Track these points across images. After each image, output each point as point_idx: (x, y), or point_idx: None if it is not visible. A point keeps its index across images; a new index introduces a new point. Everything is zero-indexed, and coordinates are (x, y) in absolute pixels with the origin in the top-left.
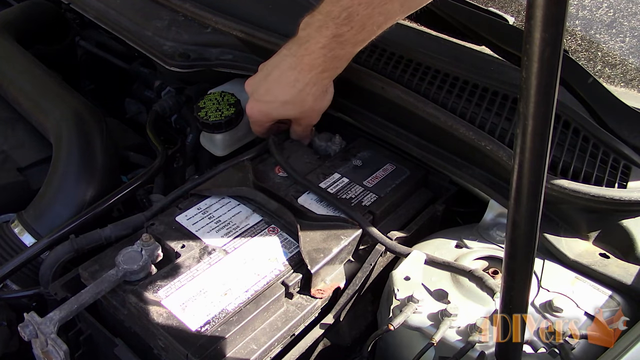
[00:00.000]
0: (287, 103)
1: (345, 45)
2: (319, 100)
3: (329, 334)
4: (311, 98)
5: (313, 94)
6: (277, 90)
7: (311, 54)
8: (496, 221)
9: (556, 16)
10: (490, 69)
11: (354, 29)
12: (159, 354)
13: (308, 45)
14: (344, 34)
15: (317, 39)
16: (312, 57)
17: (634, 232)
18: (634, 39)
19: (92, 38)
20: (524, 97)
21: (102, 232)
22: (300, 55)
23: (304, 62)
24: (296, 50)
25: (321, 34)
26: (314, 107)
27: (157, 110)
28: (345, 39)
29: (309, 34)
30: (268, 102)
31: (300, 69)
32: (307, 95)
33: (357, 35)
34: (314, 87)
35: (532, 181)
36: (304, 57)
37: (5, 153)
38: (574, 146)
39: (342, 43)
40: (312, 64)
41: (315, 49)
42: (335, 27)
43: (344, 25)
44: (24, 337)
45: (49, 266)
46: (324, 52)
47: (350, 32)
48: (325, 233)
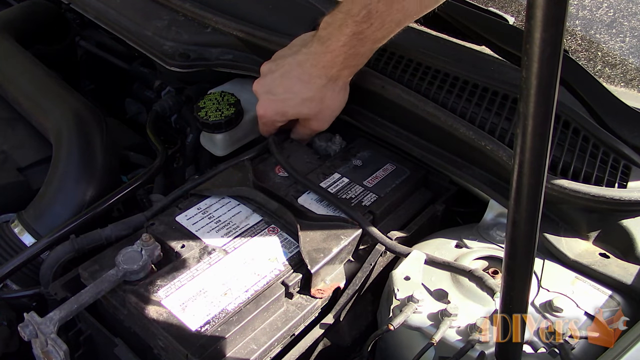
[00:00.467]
0: (307, 100)
1: (365, 42)
2: (338, 98)
3: (329, 334)
4: (330, 94)
5: (334, 90)
6: (297, 87)
7: (332, 52)
8: (496, 221)
9: (556, 16)
10: (490, 69)
11: (374, 25)
12: (159, 354)
13: (329, 44)
14: (363, 31)
15: (337, 37)
16: (334, 54)
17: (634, 232)
18: (634, 39)
19: (92, 38)
20: (524, 97)
21: (102, 232)
22: (322, 53)
23: (326, 59)
24: (317, 48)
25: (342, 32)
26: (330, 106)
27: (157, 110)
28: (365, 36)
29: (330, 32)
30: (287, 99)
31: (323, 66)
32: (328, 91)
33: (376, 32)
34: (335, 84)
35: (532, 181)
36: (326, 55)
37: (5, 153)
38: (574, 146)
39: (362, 40)
40: (333, 61)
41: (336, 46)
42: (355, 24)
43: (363, 22)
44: (24, 337)
45: (49, 266)
46: (344, 49)
47: (370, 29)
48: (325, 233)
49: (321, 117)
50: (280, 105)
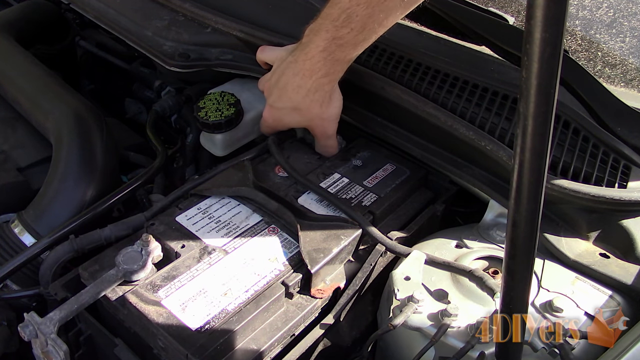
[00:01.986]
0: (294, 110)
1: (345, 47)
2: (325, 108)
3: (329, 334)
4: (316, 105)
5: (317, 101)
6: (285, 96)
7: (311, 59)
8: (496, 221)
9: (556, 16)
10: (490, 69)
11: (354, 30)
12: (159, 354)
13: (308, 50)
14: (343, 37)
15: (316, 43)
16: (313, 61)
17: (634, 232)
18: (634, 39)
19: (92, 38)
20: (524, 97)
21: (101, 232)
22: (302, 61)
23: (305, 67)
24: (298, 56)
25: (320, 37)
26: (322, 115)
27: (157, 110)
28: (345, 42)
29: (310, 39)
30: (280, 108)
31: (302, 75)
32: (312, 102)
33: (357, 36)
34: (317, 94)
35: (532, 181)
36: (305, 62)
37: (5, 153)
38: (574, 146)
39: (342, 46)
40: (312, 68)
41: (315, 53)
42: (335, 29)
43: (343, 27)
44: (24, 337)
45: (48, 266)
46: (323, 55)
47: (351, 34)
48: (325, 233)
49: (318, 125)
50: (277, 113)
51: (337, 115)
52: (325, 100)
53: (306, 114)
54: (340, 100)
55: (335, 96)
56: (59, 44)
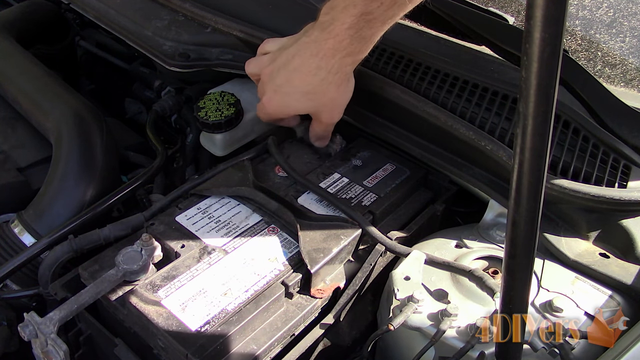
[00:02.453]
0: (308, 93)
1: (373, 23)
2: (341, 91)
3: (329, 334)
4: (333, 87)
5: (335, 83)
6: (297, 79)
7: (335, 37)
8: (496, 221)
9: (556, 16)
10: (490, 69)
11: (384, 4)
12: (159, 354)
13: (332, 28)
14: (373, 11)
15: (342, 20)
16: (337, 39)
17: (634, 232)
18: (634, 39)
19: (92, 38)
20: (524, 97)
21: (101, 232)
22: (323, 40)
23: (327, 46)
24: (318, 36)
25: (347, 13)
26: (335, 99)
27: (157, 110)
28: (374, 17)
29: (332, 16)
30: (288, 93)
31: (323, 55)
32: (330, 84)
33: (387, 11)
34: (337, 75)
35: (532, 181)
36: (328, 41)
37: (5, 153)
38: (574, 146)
39: (371, 21)
40: (336, 47)
41: (340, 30)
42: (364, 4)
43: (373, 1)
44: (24, 337)
45: (47, 266)
46: (350, 32)
47: (381, 8)
48: (325, 233)
49: (328, 110)
50: (283, 99)
51: (347, 102)
52: (343, 83)
53: (320, 98)
54: (353, 87)
55: (352, 80)
56: (59, 44)
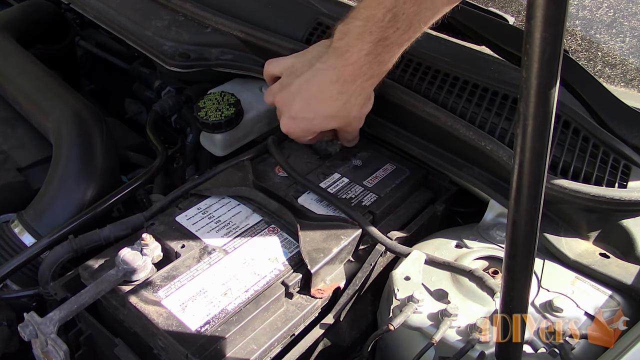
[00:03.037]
0: (331, 117)
1: (391, 47)
2: (365, 108)
3: (329, 334)
4: (357, 108)
5: (359, 104)
6: (317, 106)
7: (354, 63)
8: (496, 221)
9: (556, 16)
10: (490, 69)
11: (401, 29)
12: (159, 354)
13: (349, 55)
14: (389, 37)
15: (359, 47)
16: (356, 66)
17: (634, 232)
18: (634, 39)
19: (92, 38)
20: (524, 97)
21: (101, 232)
22: (341, 67)
23: (347, 72)
24: (335, 62)
25: (364, 40)
26: (358, 116)
27: (157, 110)
28: (392, 42)
29: (348, 43)
30: (308, 118)
31: (344, 81)
32: (353, 106)
33: (403, 35)
34: (360, 97)
35: (532, 181)
36: (347, 68)
37: (5, 153)
38: (574, 146)
39: (388, 46)
40: (356, 73)
41: (358, 57)
42: (380, 30)
43: (389, 27)
44: (24, 337)
45: (47, 266)
46: (368, 59)
47: (397, 34)
48: (325, 233)
49: (351, 124)
50: (304, 124)
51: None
52: (365, 102)
53: (344, 119)
54: (373, 97)
55: (372, 95)
56: (59, 44)
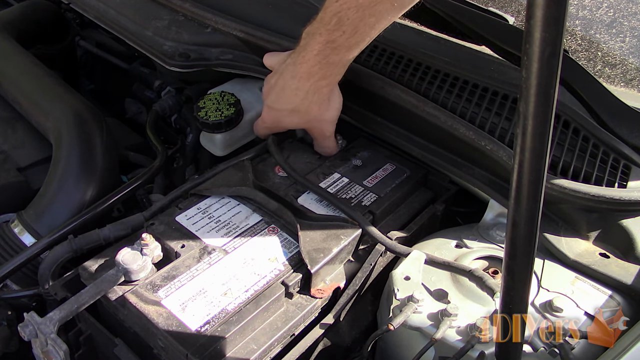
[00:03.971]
0: (293, 111)
1: (339, 50)
2: (324, 109)
3: (329, 334)
4: (315, 107)
5: (316, 102)
6: (283, 98)
7: (307, 62)
8: (496, 221)
9: (556, 16)
10: (490, 69)
11: (346, 33)
12: (159, 354)
13: (305, 54)
14: (336, 40)
15: (312, 46)
16: (309, 64)
17: (634, 231)
18: (634, 39)
19: (92, 38)
20: (524, 97)
21: (100, 232)
22: (299, 64)
23: (302, 70)
24: (295, 59)
25: (315, 40)
26: (320, 117)
27: (157, 110)
28: (339, 44)
29: (306, 42)
30: (278, 109)
31: (300, 77)
32: (310, 103)
33: (350, 39)
34: (315, 96)
35: (532, 181)
36: (302, 65)
37: (5, 153)
38: (574, 146)
39: (336, 49)
40: (309, 71)
41: (310, 56)
42: (327, 33)
43: (335, 30)
44: (24, 337)
45: (47, 266)
46: (318, 59)
47: (343, 37)
48: (325, 233)
49: (316, 126)
50: (275, 115)
51: (336, 117)
52: (323, 102)
53: (304, 115)
54: (340, 102)
55: (334, 98)
56: (59, 44)
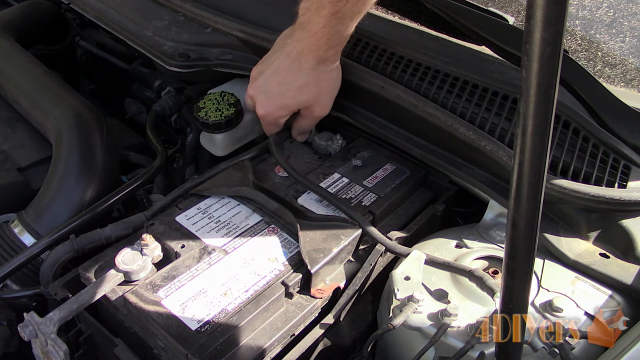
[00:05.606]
0: (303, 86)
1: (343, 20)
2: (333, 78)
3: (329, 334)
4: (324, 75)
5: (325, 71)
6: (290, 77)
7: (314, 35)
8: (496, 221)
9: (556, 16)
10: (490, 69)
11: (350, 2)
12: (159, 354)
13: (310, 27)
14: (340, 10)
15: (317, 20)
16: (316, 37)
17: (634, 232)
18: (634, 39)
19: (92, 38)
20: (524, 97)
21: (102, 232)
22: (304, 38)
23: (310, 43)
24: (299, 35)
25: (319, 14)
26: (327, 87)
27: (157, 110)
28: (344, 14)
29: (308, 17)
30: (283, 92)
31: (309, 50)
32: (321, 73)
33: (353, 7)
34: (325, 65)
35: (532, 181)
36: (309, 39)
37: (5, 153)
38: (573, 146)
39: (341, 18)
40: (317, 44)
41: (316, 29)
42: (331, 5)
43: (339, 1)
44: (24, 337)
45: (49, 266)
46: (325, 30)
47: (347, 7)
48: (325, 233)
49: (321, 100)
50: (280, 100)
51: (337, 90)
52: (333, 70)
53: (314, 88)
54: (341, 75)
55: (339, 69)
56: (59, 44)
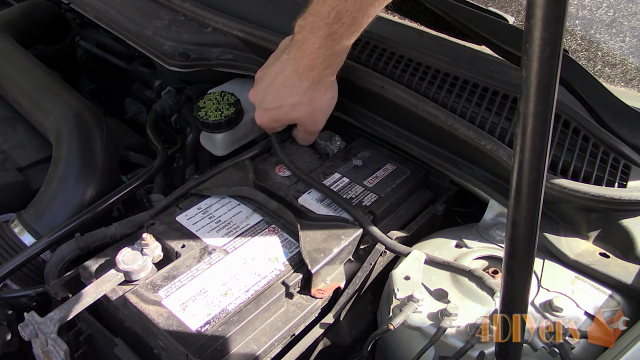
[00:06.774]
0: (295, 105)
1: (340, 40)
2: (326, 98)
3: (329, 333)
4: (318, 95)
5: (319, 91)
6: (284, 94)
7: (309, 55)
8: (496, 221)
9: (556, 15)
10: (490, 69)
11: (346, 24)
12: (159, 354)
13: (305, 48)
14: (336, 32)
15: (312, 41)
16: (311, 57)
17: (634, 231)
18: (634, 38)
19: (92, 38)
20: (523, 97)
21: (107, 230)
22: (299, 58)
23: (304, 63)
24: (295, 54)
25: (315, 35)
26: (320, 107)
27: (157, 110)
28: (339, 35)
29: (304, 36)
30: (277, 107)
31: (303, 70)
32: (314, 93)
33: (349, 29)
34: (319, 85)
35: (532, 181)
36: (304, 59)
37: (5, 153)
38: (573, 145)
39: (337, 40)
40: (312, 64)
41: (312, 50)
42: (327, 26)
43: (334, 24)
44: (24, 337)
45: (54, 264)
46: (321, 51)
47: (343, 28)
48: (326, 233)
49: (313, 119)
50: (273, 113)
51: (332, 108)
52: (328, 90)
53: (306, 107)
54: (336, 92)
55: (334, 88)
56: (59, 44)
